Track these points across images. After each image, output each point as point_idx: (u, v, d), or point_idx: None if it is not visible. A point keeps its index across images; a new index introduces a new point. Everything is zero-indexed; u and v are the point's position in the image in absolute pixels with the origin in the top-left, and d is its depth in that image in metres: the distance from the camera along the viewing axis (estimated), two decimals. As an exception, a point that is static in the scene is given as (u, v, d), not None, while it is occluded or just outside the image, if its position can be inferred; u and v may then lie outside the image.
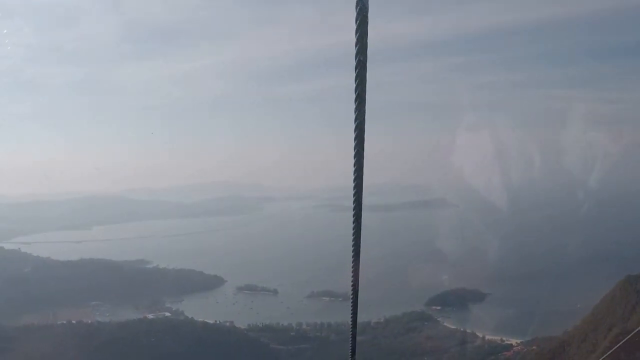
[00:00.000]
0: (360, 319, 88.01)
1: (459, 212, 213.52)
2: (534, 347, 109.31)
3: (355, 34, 5.12)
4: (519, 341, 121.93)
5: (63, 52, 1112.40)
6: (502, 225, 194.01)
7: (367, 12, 5.18)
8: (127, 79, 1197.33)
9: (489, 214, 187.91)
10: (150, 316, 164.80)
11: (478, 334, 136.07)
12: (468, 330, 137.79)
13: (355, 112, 5.67)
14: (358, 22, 5.55)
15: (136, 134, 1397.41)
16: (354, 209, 6.39)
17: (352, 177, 5.86)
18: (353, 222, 7.14)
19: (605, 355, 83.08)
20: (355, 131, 5.44)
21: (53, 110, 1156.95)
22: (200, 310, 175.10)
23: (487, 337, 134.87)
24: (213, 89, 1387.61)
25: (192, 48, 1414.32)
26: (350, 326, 10.66)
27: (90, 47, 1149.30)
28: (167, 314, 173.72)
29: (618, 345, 79.64)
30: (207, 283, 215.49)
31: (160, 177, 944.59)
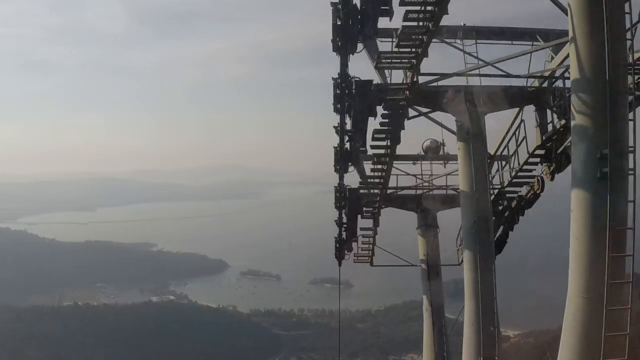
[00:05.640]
0: (362, 306, 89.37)
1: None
2: (530, 340, 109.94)
3: None
4: (516, 333, 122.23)
5: (77, 34, 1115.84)
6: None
7: None
8: (139, 62, 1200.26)
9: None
10: (155, 299, 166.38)
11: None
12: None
13: None
14: None
15: (147, 116, 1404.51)
16: None
17: None
18: None
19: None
20: None
21: (63, 90, 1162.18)
22: (203, 294, 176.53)
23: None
24: (225, 73, 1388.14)
25: (205, 31, 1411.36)
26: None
27: (105, 29, 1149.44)
28: (172, 297, 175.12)
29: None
30: (211, 267, 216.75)
31: (170, 160, 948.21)
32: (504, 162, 16.70)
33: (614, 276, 7.06)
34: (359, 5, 9.21)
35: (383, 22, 9.90)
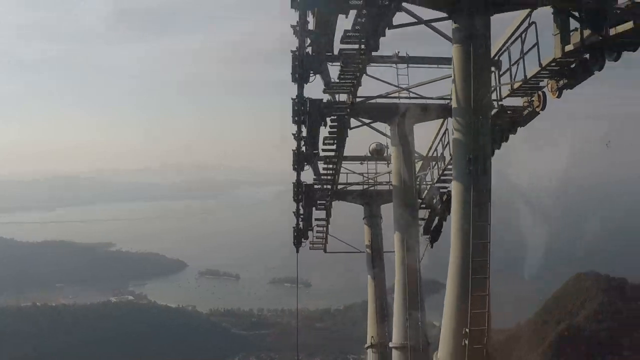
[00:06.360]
0: (321, 305, 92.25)
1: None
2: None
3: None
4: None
5: (46, 32, 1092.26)
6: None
7: None
8: (110, 60, 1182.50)
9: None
10: (114, 299, 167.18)
11: (435, 323, 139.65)
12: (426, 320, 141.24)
13: None
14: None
15: (109, 114, 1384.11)
16: None
17: None
18: None
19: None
20: None
21: (26, 89, 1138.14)
22: (162, 293, 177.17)
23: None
24: (189, 71, 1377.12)
25: (169, 30, 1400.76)
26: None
27: (80, 26, 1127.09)
28: (130, 297, 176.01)
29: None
30: (169, 267, 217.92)
31: (132, 159, 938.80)
32: (433, 163, 19.78)
33: (478, 238, 10.47)
34: (310, 52, 12.42)
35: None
